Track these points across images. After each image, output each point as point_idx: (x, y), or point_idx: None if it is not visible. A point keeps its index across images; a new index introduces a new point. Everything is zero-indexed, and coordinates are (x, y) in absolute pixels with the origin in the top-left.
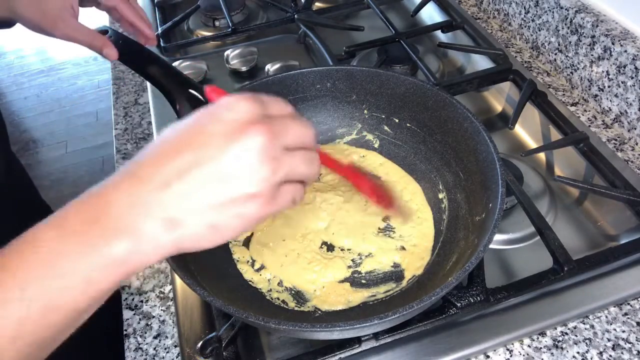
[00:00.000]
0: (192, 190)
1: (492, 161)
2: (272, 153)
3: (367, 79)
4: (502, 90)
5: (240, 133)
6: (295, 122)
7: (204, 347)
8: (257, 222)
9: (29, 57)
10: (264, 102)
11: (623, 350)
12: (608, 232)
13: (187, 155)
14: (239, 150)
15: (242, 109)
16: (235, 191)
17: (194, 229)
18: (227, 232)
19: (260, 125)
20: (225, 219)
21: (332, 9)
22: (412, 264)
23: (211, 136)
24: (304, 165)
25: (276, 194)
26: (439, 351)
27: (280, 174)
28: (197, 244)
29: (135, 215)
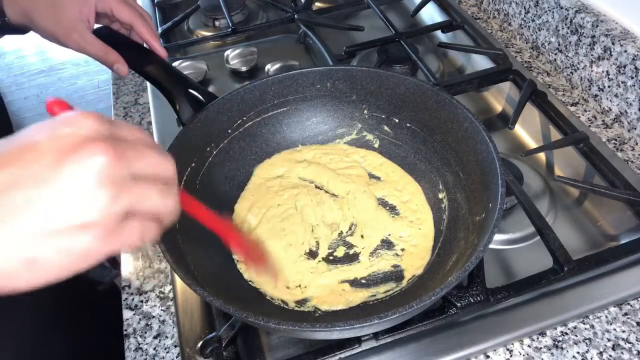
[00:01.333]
0: (5, 215)
1: (492, 161)
2: (114, 177)
3: (367, 79)
4: (502, 90)
5: (76, 150)
6: (152, 150)
7: (204, 347)
8: (91, 262)
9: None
10: (114, 123)
11: (623, 350)
12: (608, 232)
13: (6, 173)
14: (73, 169)
15: (83, 124)
16: (63, 219)
17: (4, 266)
18: (48, 271)
19: (101, 143)
20: (47, 254)
21: (332, 9)
22: (412, 264)
23: (41, 153)
24: (155, 198)
25: (118, 228)
26: (439, 351)
27: (122, 202)
28: (8, 284)
29: None
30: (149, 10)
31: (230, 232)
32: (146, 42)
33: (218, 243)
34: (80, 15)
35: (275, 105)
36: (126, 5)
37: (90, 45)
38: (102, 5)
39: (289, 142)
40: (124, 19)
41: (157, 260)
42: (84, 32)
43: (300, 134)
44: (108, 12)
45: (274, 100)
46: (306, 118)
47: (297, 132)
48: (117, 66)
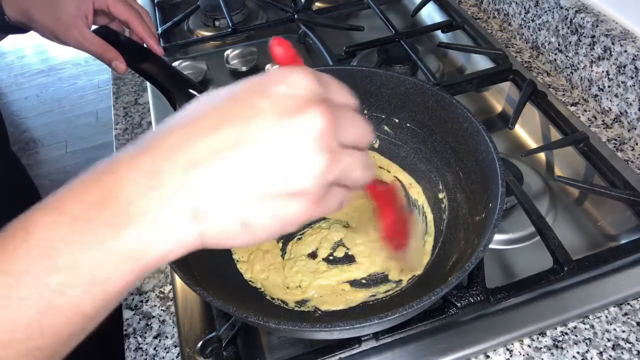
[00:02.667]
0: (225, 177)
1: (492, 161)
2: (330, 143)
3: (367, 79)
4: (502, 90)
5: (296, 112)
6: (357, 117)
7: (204, 347)
8: (298, 225)
9: (29, 57)
10: (327, 83)
11: (623, 350)
12: (608, 232)
13: (225, 132)
14: (292, 133)
15: (301, 85)
16: (279, 185)
17: (222, 224)
18: (261, 233)
19: (320, 107)
20: (261, 217)
21: (332, 9)
22: None
23: (259, 112)
24: (360, 169)
25: (324, 196)
26: (439, 351)
27: (334, 172)
28: (224, 242)
29: (153, 199)
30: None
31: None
32: (143, 40)
33: None
34: (79, 12)
35: None
36: (123, 3)
37: (89, 42)
38: (100, 3)
39: None
40: (121, 17)
41: None
42: (83, 29)
43: None
44: (105, 9)
45: None
46: None
47: None
48: (116, 63)
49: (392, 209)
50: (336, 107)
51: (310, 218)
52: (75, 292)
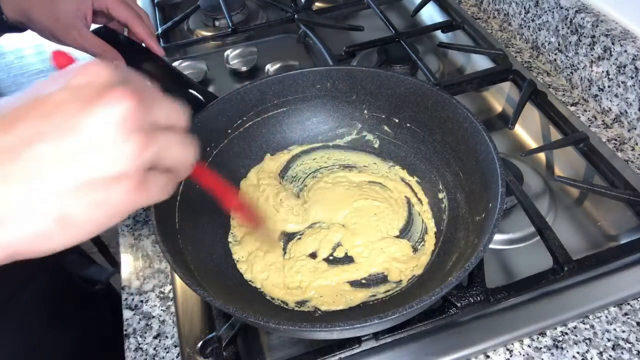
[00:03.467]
0: (32, 171)
1: (492, 161)
2: (140, 124)
3: (367, 79)
4: (502, 90)
5: (99, 98)
6: (164, 98)
7: (204, 347)
8: (121, 216)
9: (29, 57)
10: (126, 71)
11: (623, 350)
12: (608, 232)
13: (21, 129)
14: (98, 118)
15: (100, 74)
16: (94, 171)
17: (33, 226)
18: (84, 226)
19: (123, 89)
20: (80, 210)
21: (332, 9)
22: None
23: (58, 105)
24: (179, 148)
25: (145, 180)
26: (439, 351)
27: (150, 151)
28: (41, 245)
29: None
30: (148, 10)
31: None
32: (143, 41)
33: (219, 243)
34: (78, 12)
35: (275, 105)
36: (123, 4)
37: (88, 42)
38: (99, 3)
39: (289, 142)
40: (121, 18)
41: (157, 260)
42: (82, 29)
43: (300, 134)
44: (105, 10)
45: (274, 100)
46: (306, 118)
47: (297, 132)
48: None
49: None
50: (141, 90)
51: (137, 205)
52: None
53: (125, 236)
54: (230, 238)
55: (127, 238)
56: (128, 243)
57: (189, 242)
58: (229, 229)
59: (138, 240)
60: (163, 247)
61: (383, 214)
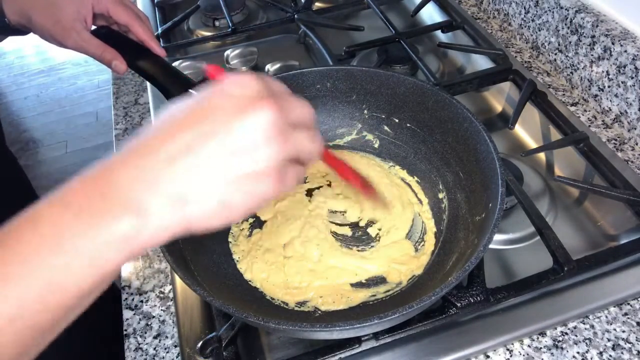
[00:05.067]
0: (200, 165)
1: (492, 161)
2: (280, 128)
3: (367, 79)
4: (502, 90)
5: (249, 107)
6: (296, 100)
7: (204, 347)
8: (266, 202)
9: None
10: (267, 81)
11: (623, 350)
12: (608, 232)
13: (195, 130)
14: (249, 124)
15: (250, 85)
16: (245, 167)
17: (204, 206)
18: (238, 209)
19: (267, 100)
20: (237, 197)
21: (332, 9)
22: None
23: (219, 110)
24: (309, 143)
25: (284, 172)
26: (439, 351)
27: (288, 150)
28: (207, 222)
29: (142, 190)
30: (148, 11)
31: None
32: (144, 42)
33: (218, 243)
34: (78, 15)
35: None
36: (123, 6)
37: (88, 44)
38: (99, 7)
39: None
40: (121, 21)
41: (157, 260)
42: (82, 31)
43: None
44: (105, 13)
45: None
46: None
47: None
48: (115, 63)
49: (346, 168)
50: (279, 97)
51: (278, 193)
52: (77, 271)
53: None
54: (230, 238)
55: None
56: None
57: (189, 242)
58: (229, 229)
59: None
60: (163, 247)
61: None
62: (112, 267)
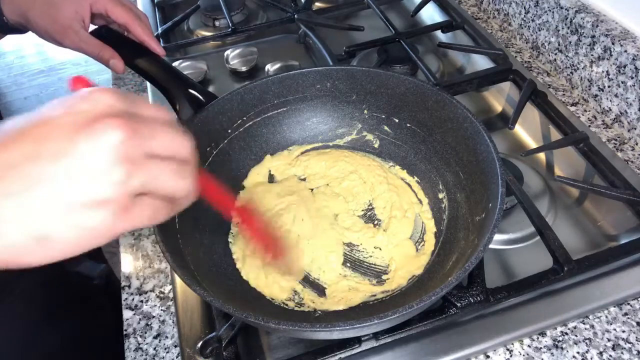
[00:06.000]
0: (19, 191)
1: (492, 161)
2: (129, 154)
3: (367, 79)
4: (502, 90)
5: (91, 125)
6: (169, 128)
7: (204, 347)
8: (102, 240)
9: (29, 57)
10: (133, 99)
11: (623, 350)
12: (608, 232)
13: (23, 147)
14: (88, 144)
15: (101, 101)
16: (77, 194)
17: (16, 241)
18: (62, 246)
19: (116, 119)
20: (60, 230)
21: (332, 9)
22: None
23: (57, 127)
24: (170, 177)
25: (131, 206)
26: (439, 351)
27: (137, 180)
28: (20, 259)
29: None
30: (148, 10)
31: (249, 220)
32: (143, 42)
33: (218, 243)
34: (76, 15)
35: (275, 105)
36: (121, 6)
37: (85, 43)
38: (97, 6)
39: (289, 142)
40: (119, 20)
41: (157, 260)
42: (80, 30)
43: (300, 134)
44: (103, 13)
45: (274, 100)
46: (306, 118)
47: (297, 132)
48: (114, 62)
49: (251, 220)
50: (140, 119)
51: (119, 230)
52: None
53: (126, 236)
54: (230, 238)
55: (127, 238)
56: (128, 243)
57: (189, 242)
58: (229, 229)
59: (138, 240)
60: (163, 247)
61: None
62: None
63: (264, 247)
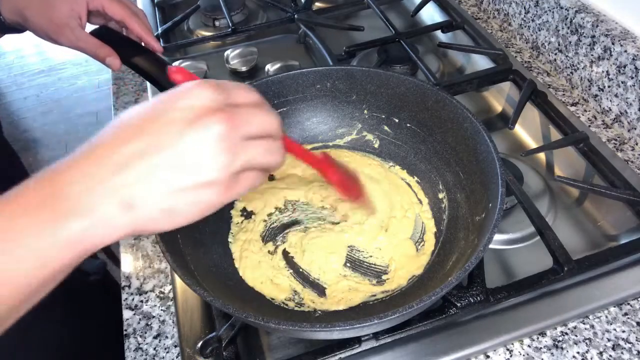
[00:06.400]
0: (148, 174)
1: (492, 161)
2: (231, 142)
3: (367, 79)
4: (502, 90)
5: (198, 121)
6: (260, 110)
7: (204, 347)
8: (215, 209)
9: (29, 57)
10: (227, 89)
11: (623, 350)
12: (608, 232)
13: (144, 139)
14: (196, 137)
15: (202, 96)
16: (191, 178)
17: (149, 213)
18: (183, 217)
19: (219, 113)
20: (181, 205)
21: (332, 9)
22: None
23: (168, 122)
24: (265, 155)
25: (234, 182)
26: (439, 351)
27: (238, 163)
28: (152, 227)
29: (90, 195)
30: (148, 10)
31: (331, 168)
32: (141, 38)
33: (218, 243)
34: (72, 12)
35: (275, 105)
36: (118, 3)
37: (82, 41)
38: (94, 4)
39: None
40: (116, 17)
41: (157, 260)
42: (76, 28)
43: (300, 134)
44: (100, 10)
45: (274, 100)
46: (306, 118)
47: (297, 132)
48: (110, 59)
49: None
50: (237, 108)
51: (226, 200)
52: (27, 266)
53: None
54: (230, 238)
55: (127, 238)
56: (128, 243)
57: (189, 242)
58: (229, 229)
59: (138, 240)
60: (163, 247)
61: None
62: (60, 266)
63: (347, 191)
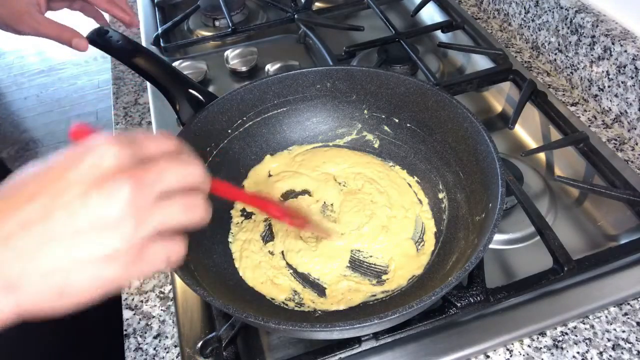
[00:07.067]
0: (36, 248)
1: (492, 161)
2: (138, 205)
3: (367, 79)
4: (502, 90)
5: (103, 183)
6: (175, 162)
7: (204, 347)
8: (121, 284)
9: (29, 57)
10: (137, 142)
11: (623, 350)
12: (608, 232)
13: (37, 205)
14: (99, 202)
15: (109, 154)
16: (91, 250)
17: (37, 294)
18: (80, 296)
19: (124, 174)
20: (77, 282)
21: (332, 9)
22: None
23: (68, 185)
24: (182, 213)
25: (143, 253)
26: (439, 351)
27: (146, 228)
28: (43, 309)
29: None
30: (148, 11)
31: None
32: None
33: (218, 243)
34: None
35: (275, 105)
36: None
37: (43, 26)
38: None
39: (289, 142)
40: None
41: None
42: (36, 15)
43: (300, 134)
44: None
45: (274, 100)
46: (306, 118)
47: (297, 132)
48: (76, 41)
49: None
50: (147, 164)
51: (130, 278)
52: None
53: None
54: (230, 238)
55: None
56: None
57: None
58: (229, 229)
59: None
60: None
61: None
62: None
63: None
